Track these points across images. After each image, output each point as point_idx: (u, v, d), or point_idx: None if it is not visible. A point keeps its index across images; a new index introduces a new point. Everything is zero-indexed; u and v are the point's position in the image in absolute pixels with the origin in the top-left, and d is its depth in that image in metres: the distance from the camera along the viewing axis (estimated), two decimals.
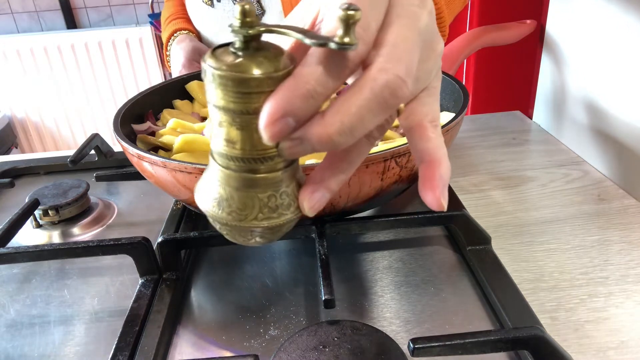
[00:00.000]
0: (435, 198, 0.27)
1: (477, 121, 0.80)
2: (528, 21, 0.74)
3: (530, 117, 0.81)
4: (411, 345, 0.33)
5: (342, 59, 0.23)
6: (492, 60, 1.26)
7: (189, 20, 0.85)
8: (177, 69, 0.76)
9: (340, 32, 0.22)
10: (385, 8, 0.25)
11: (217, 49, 0.24)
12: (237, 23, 0.23)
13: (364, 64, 0.24)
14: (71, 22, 2.29)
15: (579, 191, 0.59)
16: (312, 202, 0.26)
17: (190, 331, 0.42)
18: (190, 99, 0.65)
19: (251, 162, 0.25)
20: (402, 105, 0.26)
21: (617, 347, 0.38)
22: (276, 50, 0.24)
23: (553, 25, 0.73)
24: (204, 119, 0.62)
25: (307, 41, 0.23)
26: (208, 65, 0.23)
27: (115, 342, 0.38)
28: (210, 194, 0.26)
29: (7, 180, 0.64)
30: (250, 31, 0.23)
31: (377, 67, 0.23)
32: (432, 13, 0.27)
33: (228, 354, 0.39)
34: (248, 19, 0.23)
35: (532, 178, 0.63)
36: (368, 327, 0.36)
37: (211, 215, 0.27)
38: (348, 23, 0.22)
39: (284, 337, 0.40)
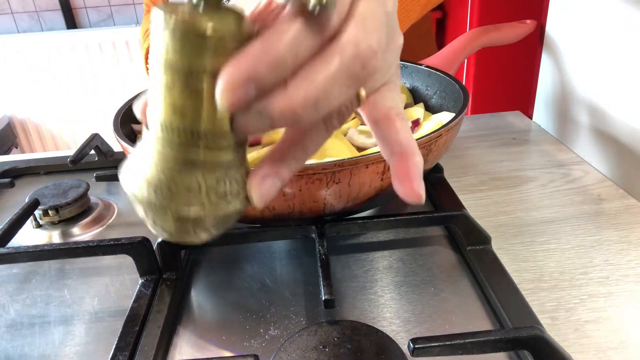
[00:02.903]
0: (412, 190, 0.26)
1: (477, 121, 0.80)
2: (528, 21, 0.74)
3: (530, 117, 0.81)
4: (411, 345, 0.33)
5: (316, 27, 0.21)
6: (492, 60, 1.26)
7: None
8: None
9: None
10: None
11: (170, 3, 0.21)
12: None
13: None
14: (71, 22, 2.29)
15: (579, 191, 0.59)
16: (262, 190, 0.24)
17: (190, 331, 0.42)
18: None
19: (200, 137, 0.21)
20: (362, 92, 0.24)
21: (617, 347, 0.38)
22: (238, 13, 0.21)
23: (553, 25, 0.73)
24: None
25: None
26: (163, 13, 0.20)
27: (115, 342, 0.38)
28: (142, 174, 0.22)
29: (7, 180, 0.64)
30: None
31: (348, 37, 0.22)
32: (396, 4, 0.26)
33: (228, 354, 0.39)
34: None
35: (532, 178, 0.63)
36: (368, 327, 0.36)
37: (141, 199, 0.22)
38: None
39: (284, 337, 0.40)
